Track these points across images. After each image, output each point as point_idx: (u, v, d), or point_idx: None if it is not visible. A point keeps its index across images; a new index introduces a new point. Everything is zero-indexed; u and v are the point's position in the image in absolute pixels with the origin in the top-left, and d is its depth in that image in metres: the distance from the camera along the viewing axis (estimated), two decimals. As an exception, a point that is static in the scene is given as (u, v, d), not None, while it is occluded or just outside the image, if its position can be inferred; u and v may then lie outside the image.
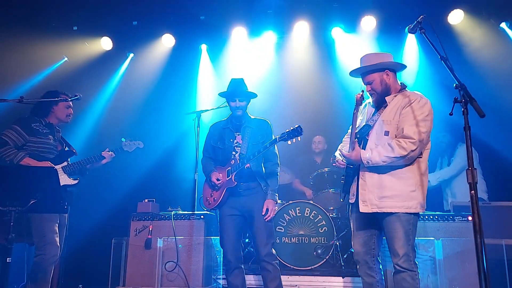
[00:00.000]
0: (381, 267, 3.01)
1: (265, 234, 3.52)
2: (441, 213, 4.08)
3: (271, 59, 6.39)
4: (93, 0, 5.83)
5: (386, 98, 2.97)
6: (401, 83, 3.06)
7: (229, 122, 3.78)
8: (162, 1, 5.94)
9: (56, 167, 3.64)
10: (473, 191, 2.19)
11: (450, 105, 2.32)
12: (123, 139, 4.12)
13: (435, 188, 5.22)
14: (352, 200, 3.00)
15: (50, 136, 3.69)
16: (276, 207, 3.63)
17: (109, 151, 4.00)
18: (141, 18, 6.14)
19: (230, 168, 3.58)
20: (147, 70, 6.49)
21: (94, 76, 6.32)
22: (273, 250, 3.56)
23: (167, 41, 6.29)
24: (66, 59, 6.35)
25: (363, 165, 2.88)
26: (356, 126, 3.03)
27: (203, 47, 6.47)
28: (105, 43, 6.34)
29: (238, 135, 3.70)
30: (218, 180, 3.58)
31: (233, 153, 3.65)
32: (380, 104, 3.03)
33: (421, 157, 2.86)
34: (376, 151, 2.80)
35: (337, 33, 6.12)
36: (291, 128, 3.28)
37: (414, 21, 2.62)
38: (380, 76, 2.98)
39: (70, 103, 3.76)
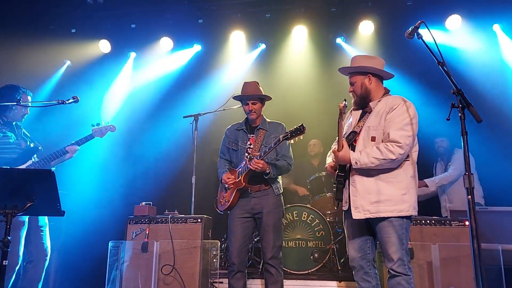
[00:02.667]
0: (376, 272, 3.00)
1: (272, 237, 3.55)
2: (438, 217, 4.07)
3: (267, 63, 6.39)
4: (91, 2, 5.83)
5: (370, 104, 2.99)
6: (384, 87, 3.06)
7: (244, 124, 3.83)
8: (160, 3, 5.95)
9: (21, 167, 3.45)
10: (470, 196, 2.20)
11: (447, 110, 2.33)
12: (92, 125, 3.89)
13: (432, 193, 5.21)
14: (345, 208, 2.99)
15: (10, 134, 3.55)
16: (257, 166, 3.43)
17: (73, 145, 3.74)
18: (139, 20, 6.14)
19: (240, 169, 3.61)
20: (145, 73, 6.49)
21: (95, 79, 6.31)
22: (279, 254, 3.57)
23: (165, 43, 6.30)
24: (69, 62, 6.34)
25: (353, 171, 2.88)
26: (343, 133, 3.02)
27: (201, 50, 6.47)
28: (104, 46, 6.34)
29: (252, 137, 3.74)
30: (228, 178, 3.62)
31: (246, 154, 3.67)
32: (360, 107, 3.06)
33: (409, 160, 2.86)
34: (364, 152, 2.81)
35: (334, 38, 6.14)
36: (294, 127, 3.31)
37: (412, 26, 2.63)
38: (361, 80, 3.00)
39: (29, 103, 3.61)
